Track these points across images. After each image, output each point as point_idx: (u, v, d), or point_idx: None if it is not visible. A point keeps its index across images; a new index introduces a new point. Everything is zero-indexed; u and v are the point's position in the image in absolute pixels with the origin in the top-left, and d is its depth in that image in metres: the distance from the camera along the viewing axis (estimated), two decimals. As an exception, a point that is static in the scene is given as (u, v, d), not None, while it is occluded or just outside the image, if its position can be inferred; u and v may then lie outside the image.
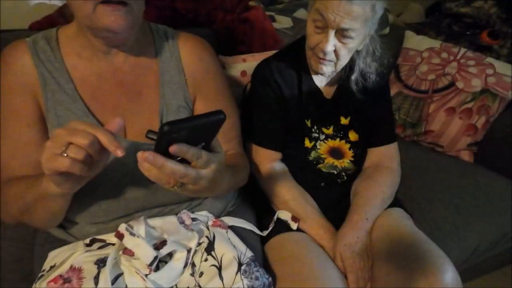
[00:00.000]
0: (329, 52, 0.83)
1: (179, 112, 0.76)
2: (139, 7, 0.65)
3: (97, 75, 0.71)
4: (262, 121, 0.95)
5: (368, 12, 0.79)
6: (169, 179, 0.51)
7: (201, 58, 0.80)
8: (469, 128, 1.39)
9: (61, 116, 0.68)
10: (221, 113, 0.47)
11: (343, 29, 0.79)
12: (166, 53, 0.77)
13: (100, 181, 0.65)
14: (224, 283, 0.66)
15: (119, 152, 0.48)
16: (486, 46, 1.66)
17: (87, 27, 0.64)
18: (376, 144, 1.01)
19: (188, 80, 0.78)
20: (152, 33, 0.78)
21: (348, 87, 0.95)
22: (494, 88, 1.39)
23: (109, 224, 0.73)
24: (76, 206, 0.66)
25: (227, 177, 0.69)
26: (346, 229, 0.87)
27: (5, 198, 0.65)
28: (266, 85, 0.94)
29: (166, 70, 0.76)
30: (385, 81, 0.99)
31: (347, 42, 0.82)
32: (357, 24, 0.79)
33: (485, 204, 1.18)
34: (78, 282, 0.64)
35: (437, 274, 0.74)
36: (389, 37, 1.64)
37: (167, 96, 0.75)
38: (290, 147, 0.98)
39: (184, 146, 0.47)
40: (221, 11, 1.31)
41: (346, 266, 0.82)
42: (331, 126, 0.99)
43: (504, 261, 1.44)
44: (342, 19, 0.78)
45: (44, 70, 0.68)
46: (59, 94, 0.68)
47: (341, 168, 0.99)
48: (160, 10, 1.24)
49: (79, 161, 0.48)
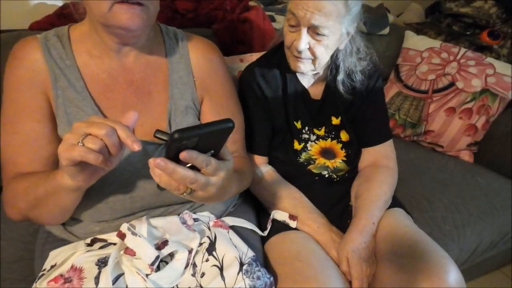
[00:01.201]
0: (303, 49, 0.83)
1: (187, 113, 0.76)
2: (155, 7, 0.66)
3: (108, 74, 0.71)
4: (247, 126, 0.93)
5: (341, 8, 0.79)
6: (178, 185, 0.51)
7: (210, 60, 0.81)
8: (469, 128, 1.39)
9: (71, 114, 0.68)
10: (230, 121, 0.48)
11: (314, 26, 0.80)
12: (176, 54, 0.77)
13: (108, 179, 0.65)
14: (226, 283, 0.66)
15: (136, 146, 0.49)
16: (486, 46, 1.66)
17: (101, 24, 0.64)
18: (371, 143, 1.01)
19: (197, 82, 0.79)
20: (162, 34, 0.78)
21: (335, 87, 0.95)
22: (494, 88, 1.39)
23: (113, 223, 0.73)
24: (82, 203, 0.66)
25: (234, 183, 0.70)
26: (354, 234, 0.85)
27: (13, 192, 0.65)
28: (249, 91, 0.95)
29: (175, 71, 0.77)
30: (376, 80, 0.98)
31: (321, 39, 0.82)
32: (329, 21, 0.79)
33: (485, 204, 1.18)
34: (79, 282, 0.64)
35: (441, 274, 0.73)
36: (389, 37, 1.65)
37: (175, 96, 0.75)
38: (279, 150, 0.98)
39: (193, 152, 0.47)
40: (221, 11, 1.31)
41: (353, 273, 0.80)
42: (323, 127, 0.99)
43: (504, 261, 1.44)
44: (312, 15, 0.78)
45: (55, 67, 0.68)
46: (69, 91, 0.68)
47: (332, 168, 0.99)
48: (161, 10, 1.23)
49: (95, 151, 0.48)
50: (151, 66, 0.75)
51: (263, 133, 0.96)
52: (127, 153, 0.69)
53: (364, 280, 0.80)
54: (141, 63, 0.74)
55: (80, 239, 0.74)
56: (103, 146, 0.49)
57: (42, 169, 0.66)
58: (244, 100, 0.95)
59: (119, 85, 0.72)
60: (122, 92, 0.72)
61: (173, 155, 0.47)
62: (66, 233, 0.75)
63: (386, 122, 1.04)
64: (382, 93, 1.02)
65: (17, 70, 0.66)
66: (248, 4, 1.38)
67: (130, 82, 0.73)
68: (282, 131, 0.97)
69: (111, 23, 0.61)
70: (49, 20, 1.14)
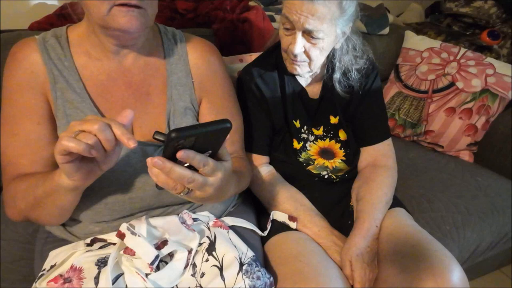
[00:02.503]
0: (298, 53, 0.83)
1: (186, 114, 0.76)
2: (153, 10, 0.66)
3: (107, 75, 0.71)
4: (247, 126, 0.94)
5: (335, 10, 0.78)
6: (176, 185, 0.51)
7: (208, 61, 0.81)
8: (469, 128, 1.39)
9: (70, 115, 0.68)
10: (227, 121, 0.48)
11: (309, 30, 0.79)
12: (174, 56, 0.77)
13: (107, 180, 0.66)
14: (226, 283, 0.66)
15: (131, 143, 0.49)
16: (486, 46, 1.66)
17: (100, 26, 0.64)
18: (369, 142, 1.00)
19: (195, 83, 0.79)
20: (160, 35, 0.78)
21: (333, 86, 0.95)
22: (494, 88, 1.39)
23: (113, 224, 0.73)
24: (81, 204, 0.67)
25: (232, 184, 0.70)
26: (358, 238, 0.84)
27: (13, 193, 0.65)
28: (248, 91, 0.95)
29: (173, 72, 0.77)
30: (374, 78, 0.98)
31: (316, 43, 0.82)
32: (324, 24, 0.78)
33: (485, 204, 1.18)
34: (79, 282, 0.64)
35: (445, 273, 0.73)
36: (389, 37, 1.65)
37: (174, 97, 0.75)
38: (279, 149, 0.98)
39: (190, 152, 0.48)
40: (221, 11, 1.31)
41: (356, 277, 0.80)
42: (321, 126, 0.99)
43: (504, 261, 1.44)
44: (306, 19, 0.77)
45: (53, 68, 0.68)
46: (68, 93, 0.68)
47: (332, 168, 0.99)
48: (160, 10, 1.24)
49: (88, 144, 0.49)
50: (150, 67, 0.75)
51: (263, 132, 0.96)
52: (126, 154, 0.69)
53: (367, 284, 0.80)
54: (140, 64, 0.74)
55: (80, 239, 0.74)
56: (96, 141, 0.49)
57: (42, 170, 0.66)
58: (243, 100, 0.95)
59: (118, 86, 0.72)
60: (121, 94, 0.72)
61: (170, 155, 0.48)
62: (66, 234, 0.75)
63: (384, 120, 1.04)
64: (380, 91, 1.02)
65: (16, 71, 0.67)
66: (248, 4, 1.38)
67: (129, 83, 0.73)
68: (281, 131, 0.97)
69: (110, 25, 0.61)
70: (49, 20, 1.14)
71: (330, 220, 0.92)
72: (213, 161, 0.52)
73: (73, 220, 0.73)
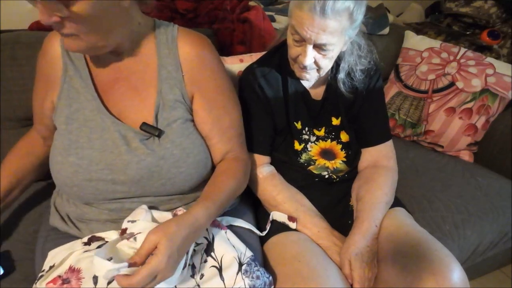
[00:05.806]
0: (309, 65, 0.84)
1: (175, 107, 0.76)
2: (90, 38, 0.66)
3: (102, 69, 0.76)
4: (249, 126, 0.94)
5: (345, 22, 0.78)
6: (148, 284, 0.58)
7: (199, 55, 0.79)
8: (469, 128, 1.39)
9: (72, 98, 0.74)
10: None
11: (320, 44, 0.79)
12: (165, 50, 0.77)
13: (95, 158, 0.71)
14: (225, 283, 0.66)
15: None
16: (486, 46, 1.66)
17: None
18: (371, 143, 1.00)
19: (186, 77, 0.78)
20: (154, 30, 0.78)
21: (337, 87, 0.95)
22: (494, 88, 1.39)
23: (100, 207, 0.75)
24: (67, 180, 0.72)
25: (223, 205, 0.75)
26: (357, 237, 0.85)
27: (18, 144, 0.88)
28: (251, 91, 0.95)
29: (163, 66, 0.77)
30: (377, 79, 0.98)
31: (326, 54, 0.82)
32: (335, 38, 0.79)
33: (485, 204, 1.18)
34: (77, 282, 0.64)
35: (445, 273, 0.73)
36: (389, 37, 1.65)
37: (163, 92, 0.76)
38: (280, 150, 0.98)
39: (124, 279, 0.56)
40: (221, 11, 1.31)
41: (355, 276, 0.80)
42: (323, 128, 0.99)
43: (504, 261, 1.44)
44: (317, 35, 0.77)
45: (67, 59, 0.75)
46: (75, 79, 0.75)
47: (332, 169, 0.99)
48: (160, 10, 1.24)
49: None
50: (142, 62, 0.76)
51: (265, 132, 0.96)
52: (112, 138, 0.72)
53: (366, 283, 0.80)
54: (132, 59, 0.76)
55: (79, 230, 0.76)
56: None
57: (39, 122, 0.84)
58: (245, 100, 0.95)
59: (111, 81, 0.75)
60: (113, 88, 0.75)
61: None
62: (66, 225, 0.77)
63: (386, 121, 1.04)
64: (382, 92, 1.02)
65: (41, 60, 0.78)
66: (248, 4, 1.38)
67: (121, 78, 0.75)
68: (283, 131, 0.97)
69: None
70: (49, 20, 1.14)
71: (330, 220, 0.92)
72: (142, 268, 0.57)
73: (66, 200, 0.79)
